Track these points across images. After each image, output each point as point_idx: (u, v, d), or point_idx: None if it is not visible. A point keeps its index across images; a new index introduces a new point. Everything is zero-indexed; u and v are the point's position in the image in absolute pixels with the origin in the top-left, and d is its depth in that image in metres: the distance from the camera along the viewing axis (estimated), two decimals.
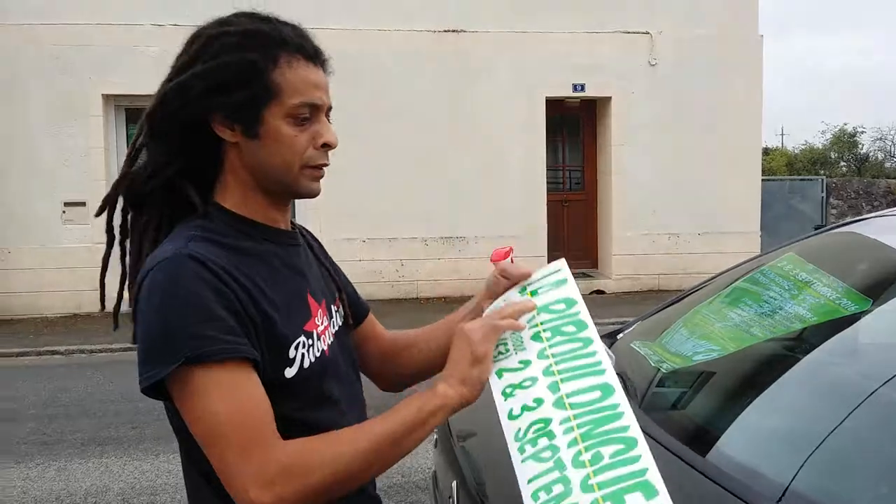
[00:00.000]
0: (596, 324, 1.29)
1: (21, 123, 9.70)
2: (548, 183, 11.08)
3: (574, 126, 11.76)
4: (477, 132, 10.30)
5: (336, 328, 1.34)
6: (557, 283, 1.35)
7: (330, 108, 1.26)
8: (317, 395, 1.23)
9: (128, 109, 10.23)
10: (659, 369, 1.92)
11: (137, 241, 1.26)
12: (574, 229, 11.72)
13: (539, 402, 1.18)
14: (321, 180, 1.27)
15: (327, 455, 1.11)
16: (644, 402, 1.83)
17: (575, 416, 1.13)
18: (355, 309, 1.46)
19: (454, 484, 1.67)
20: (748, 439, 1.59)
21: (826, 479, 1.38)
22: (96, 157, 9.87)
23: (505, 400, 1.21)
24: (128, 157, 1.27)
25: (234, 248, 1.18)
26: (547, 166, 11.01)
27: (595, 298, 10.76)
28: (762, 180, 11.97)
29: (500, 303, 1.36)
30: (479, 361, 1.21)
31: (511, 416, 1.19)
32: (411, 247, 10.54)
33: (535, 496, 1.07)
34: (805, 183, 16.51)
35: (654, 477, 1.02)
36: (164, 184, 1.23)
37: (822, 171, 31.05)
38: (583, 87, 10.90)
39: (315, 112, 1.22)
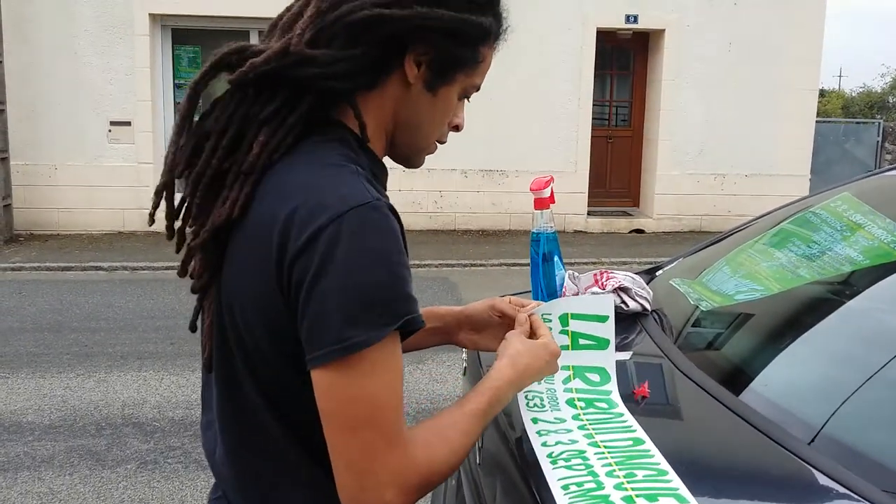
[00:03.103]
0: (632, 264, 1.26)
1: (68, 41, 9.72)
2: (593, 118, 10.84)
3: (624, 59, 11.43)
4: (523, 63, 10.05)
5: None
6: (598, 342, 1.34)
7: None
8: None
9: (174, 29, 10.18)
10: (698, 307, 1.86)
11: (235, 130, 1.04)
12: (617, 166, 11.50)
13: (573, 441, 1.22)
14: None
15: (447, 454, 1.04)
16: (679, 340, 1.78)
17: (610, 453, 1.17)
18: None
19: None
20: (784, 381, 1.55)
21: (859, 425, 1.34)
22: (142, 77, 9.88)
23: (539, 436, 1.25)
24: (301, 33, 1.03)
25: (392, 210, 1.03)
26: (594, 101, 10.76)
27: (634, 237, 10.63)
28: (815, 122, 11.57)
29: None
30: (555, 357, 1.22)
31: (545, 444, 1.22)
32: (450, 178, 10.46)
33: (565, 487, 1.09)
34: (860, 126, 15.95)
35: (687, 495, 1.04)
36: (337, 87, 1.04)
37: (879, 116, 29.96)
38: (636, 19, 10.54)
39: (472, 94, 1.19)
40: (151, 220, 1.12)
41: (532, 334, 1.25)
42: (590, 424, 1.26)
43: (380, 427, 0.96)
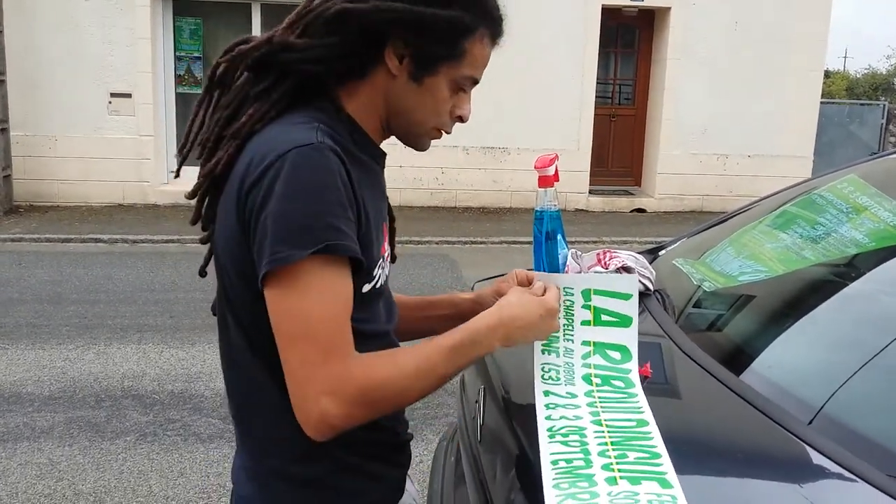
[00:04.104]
0: (633, 243, 1.25)
1: (69, 12, 9.63)
2: (596, 96, 10.77)
3: (629, 37, 11.34)
4: (526, 40, 9.97)
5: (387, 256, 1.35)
6: (621, 320, 1.33)
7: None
8: (376, 316, 1.27)
9: (175, 1, 10.09)
10: (700, 287, 1.85)
11: (236, 105, 1.22)
12: (620, 145, 11.46)
13: (577, 417, 1.24)
14: None
15: (394, 373, 1.13)
16: (681, 320, 1.77)
17: (609, 433, 1.19)
18: (392, 245, 1.43)
19: (481, 390, 1.65)
20: (785, 362, 1.55)
21: (859, 406, 1.34)
22: (142, 48, 9.81)
23: (546, 409, 1.26)
24: (287, 26, 1.22)
25: (350, 154, 1.17)
26: (597, 79, 10.68)
27: (635, 217, 10.61)
28: (820, 103, 11.50)
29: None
30: (551, 316, 1.26)
31: (548, 418, 1.24)
32: (452, 155, 10.41)
33: (554, 462, 1.11)
34: (865, 108, 15.87)
35: (673, 479, 1.05)
36: (313, 70, 1.21)
37: (884, 98, 29.81)
38: None
39: (470, 86, 1.27)
40: (177, 174, 1.44)
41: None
42: (599, 402, 1.26)
43: (314, 339, 1.08)
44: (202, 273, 1.38)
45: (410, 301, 1.54)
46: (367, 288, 1.20)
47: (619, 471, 1.07)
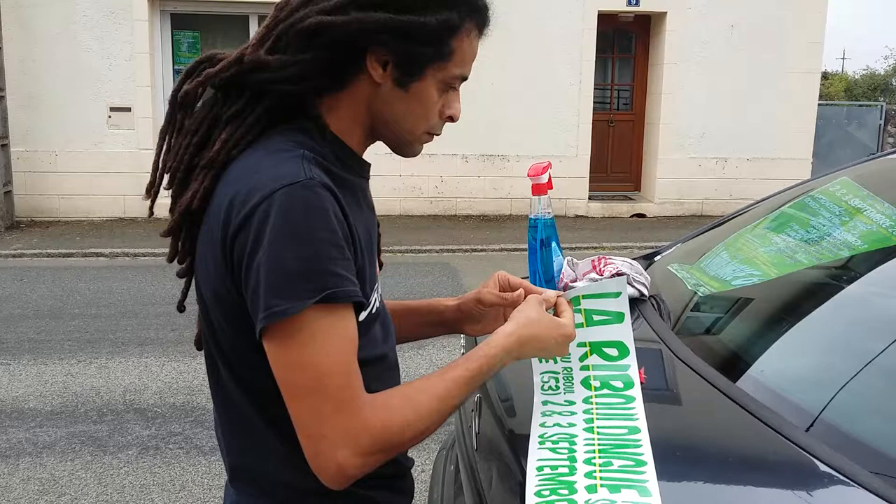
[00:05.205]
0: (633, 248, 1.26)
1: (67, 27, 9.67)
2: (594, 102, 10.79)
3: (626, 42, 11.36)
4: (523, 47, 9.99)
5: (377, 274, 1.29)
6: (613, 316, 1.33)
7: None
8: (373, 341, 1.19)
9: (173, 14, 10.13)
10: (695, 293, 1.86)
11: (205, 129, 1.13)
12: (618, 150, 11.46)
13: (571, 424, 1.25)
14: None
15: (411, 417, 1.07)
16: (677, 326, 1.77)
17: (599, 440, 1.19)
18: (379, 252, 1.35)
19: (477, 399, 1.65)
20: (781, 367, 1.54)
21: (857, 412, 1.34)
22: (141, 63, 9.84)
23: (542, 416, 1.27)
24: (258, 41, 1.12)
25: (339, 179, 1.10)
26: (595, 84, 10.70)
27: (635, 222, 10.61)
28: (818, 105, 11.50)
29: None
30: (567, 342, 1.23)
31: (542, 425, 1.25)
32: (451, 163, 10.42)
33: (539, 469, 1.13)
34: (863, 109, 15.88)
35: (653, 487, 1.06)
36: (289, 90, 1.11)
37: (882, 99, 29.81)
38: (637, 1, 10.48)
39: (460, 83, 1.19)
40: (151, 213, 1.24)
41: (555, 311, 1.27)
42: (596, 409, 1.27)
43: (325, 392, 1.02)
44: (181, 308, 1.30)
45: (389, 306, 1.48)
46: (363, 316, 1.12)
47: (601, 478, 1.08)
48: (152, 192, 1.21)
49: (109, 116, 9.88)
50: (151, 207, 1.22)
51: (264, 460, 1.16)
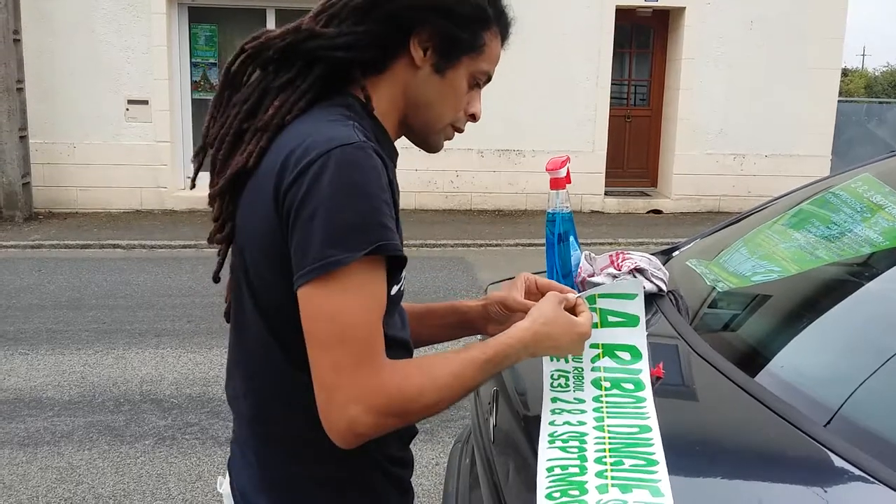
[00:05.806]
0: (649, 244, 1.25)
1: (85, 19, 9.72)
2: (611, 97, 10.74)
3: (644, 37, 11.30)
4: (540, 41, 9.95)
5: None
6: (628, 319, 1.33)
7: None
8: (395, 325, 1.22)
9: (191, 8, 10.17)
10: (714, 288, 1.85)
11: (255, 98, 1.19)
12: (635, 146, 11.41)
13: (581, 423, 1.25)
14: None
15: (427, 386, 1.10)
16: (696, 321, 1.76)
17: (610, 439, 1.19)
18: None
19: (494, 392, 1.65)
20: (800, 363, 1.53)
21: (877, 407, 1.33)
22: (158, 56, 9.88)
23: (551, 414, 1.27)
24: (313, 17, 1.19)
25: (378, 154, 1.14)
26: (612, 79, 10.65)
27: (651, 218, 10.57)
28: (838, 102, 11.39)
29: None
30: (582, 341, 1.26)
31: (552, 423, 1.25)
32: (466, 158, 10.41)
33: (549, 469, 1.12)
34: (884, 106, 15.71)
35: (665, 487, 1.05)
36: (342, 57, 1.18)
37: None
38: None
39: (484, 82, 1.28)
40: (193, 185, 1.37)
41: (573, 310, 1.28)
42: (606, 408, 1.26)
43: (350, 345, 1.04)
44: (216, 279, 1.34)
45: (408, 309, 1.50)
46: (394, 290, 1.16)
47: (613, 478, 1.08)
48: (199, 159, 1.26)
49: (127, 109, 9.94)
50: (194, 179, 1.30)
51: (297, 416, 1.16)
